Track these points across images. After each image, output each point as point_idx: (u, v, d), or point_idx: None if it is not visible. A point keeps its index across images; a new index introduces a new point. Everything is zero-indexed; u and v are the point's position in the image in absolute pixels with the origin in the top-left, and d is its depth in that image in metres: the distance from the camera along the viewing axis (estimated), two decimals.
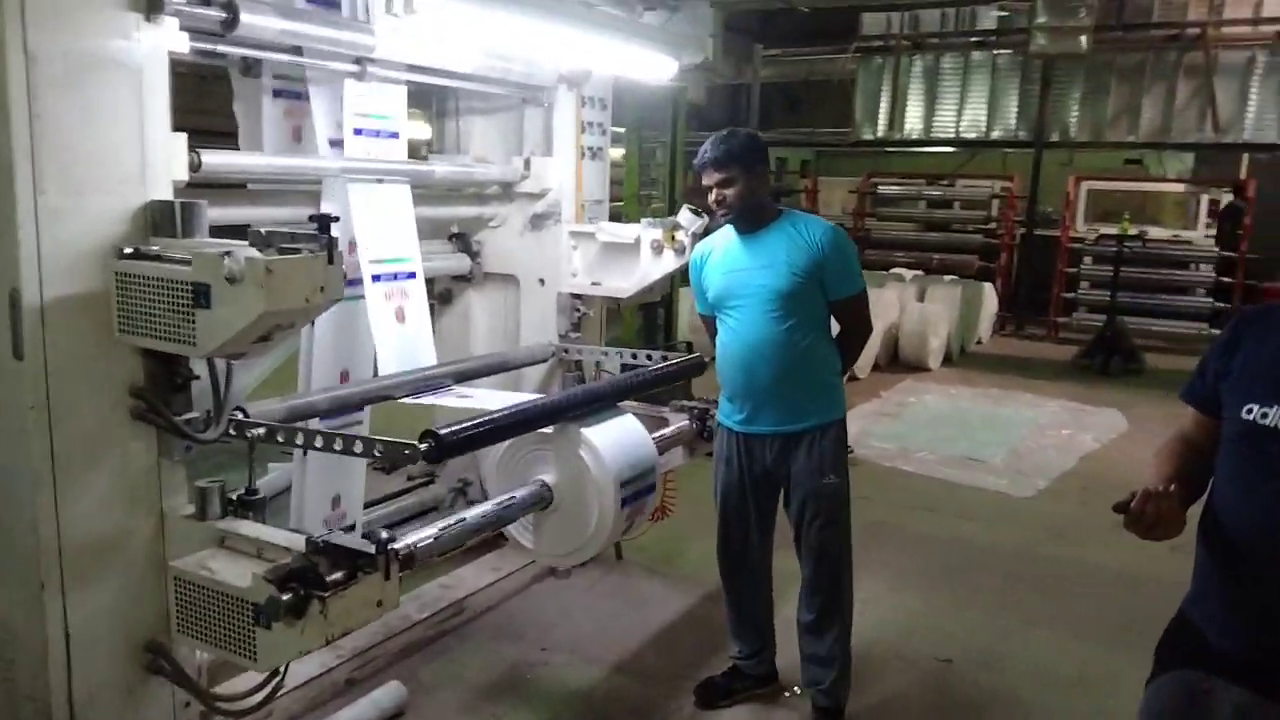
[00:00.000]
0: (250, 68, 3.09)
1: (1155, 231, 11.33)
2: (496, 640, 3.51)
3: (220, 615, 2.18)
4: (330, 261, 2.15)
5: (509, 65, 3.45)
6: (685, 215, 3.60)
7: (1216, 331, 10.45)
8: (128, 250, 2.23)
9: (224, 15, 2.43)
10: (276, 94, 3.15)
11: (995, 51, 11.61)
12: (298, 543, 2.24)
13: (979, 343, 10.66)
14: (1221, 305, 10.55)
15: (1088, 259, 11.26)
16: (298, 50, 2.82)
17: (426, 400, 3.16)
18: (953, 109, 11.83)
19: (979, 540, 4.72)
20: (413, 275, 3.23)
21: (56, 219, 2.16)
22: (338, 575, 2.12)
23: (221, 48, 2.63)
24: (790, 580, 3.18)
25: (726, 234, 3.07)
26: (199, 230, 2.34)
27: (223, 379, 2.41)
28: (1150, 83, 10.87)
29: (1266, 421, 1.68)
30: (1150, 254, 10.57)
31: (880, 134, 12.16)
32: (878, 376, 8.49)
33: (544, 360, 3.82)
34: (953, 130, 11.85)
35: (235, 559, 2.30)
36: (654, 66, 3.54)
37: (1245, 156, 11.75)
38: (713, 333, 3.17)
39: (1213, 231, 12.08)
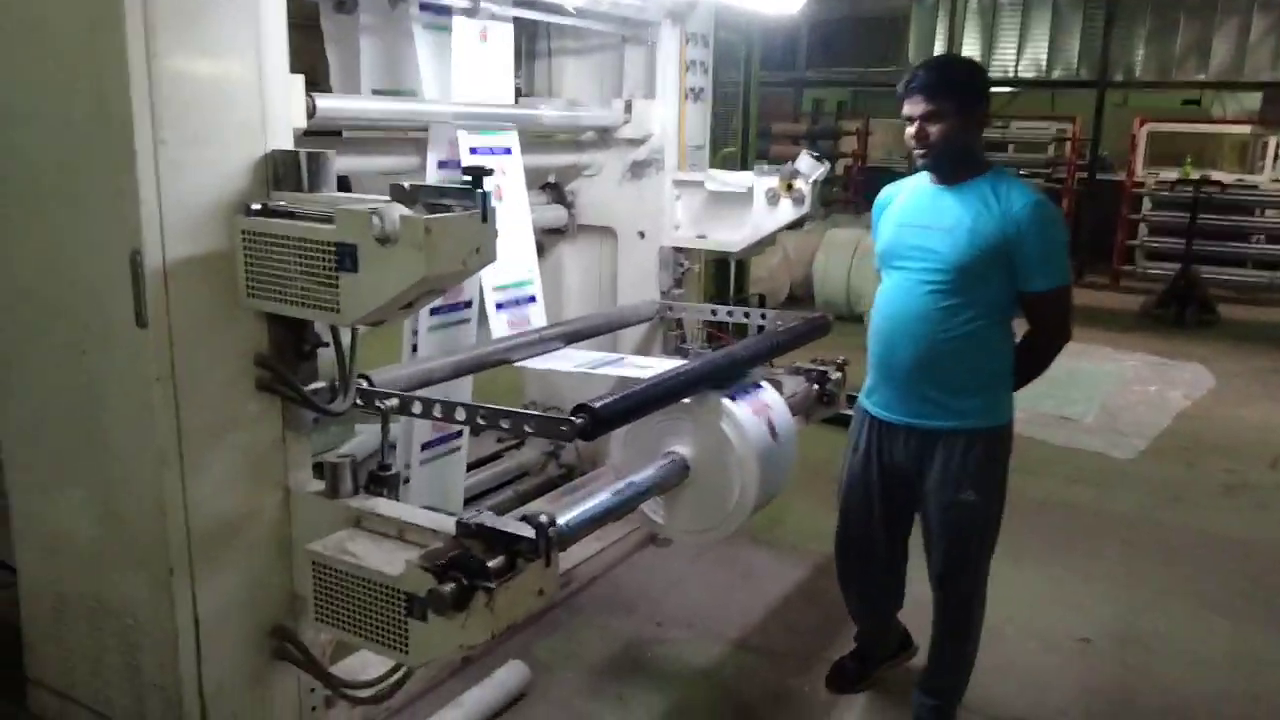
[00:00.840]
0: (344, 3, 2.84)
1: (1218, 175, 10.90)
2: (608, 614, 3.34)
3: (366, 604, 2.00)
4: (484, 220, 1.93)
5: None
6: (805, 161, 3.35)
7: None
8: (255, 206, 2.01)
9: None
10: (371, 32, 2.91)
11: None
12: (446, 525, 2.05)
13: None
14: None
15: (1149, 205, 10.86)
16: None
17: (541, 364, 2.96)
18: (1012, 46, 11.36)
19: (1091, 505, 4.49)
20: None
21: (178, 172, 1.95)
22: (498, 562, 1.92)
23: None
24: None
25: (919, 180, 2.64)
26: (326, 184, 2.12)
27: (348, 346, 2.21)
28: (1223, 18, 10.36)
29: None
30: (1227, 199, 10.10)
31: None
32: None
33: (649, 319, 3.60)
34: (1012, 69, 11.39)
35: (377, 542, 2.12)
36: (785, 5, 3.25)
37: None
38: None
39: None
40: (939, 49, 11.71)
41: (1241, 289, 10.14)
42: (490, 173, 1.95)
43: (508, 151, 3.00)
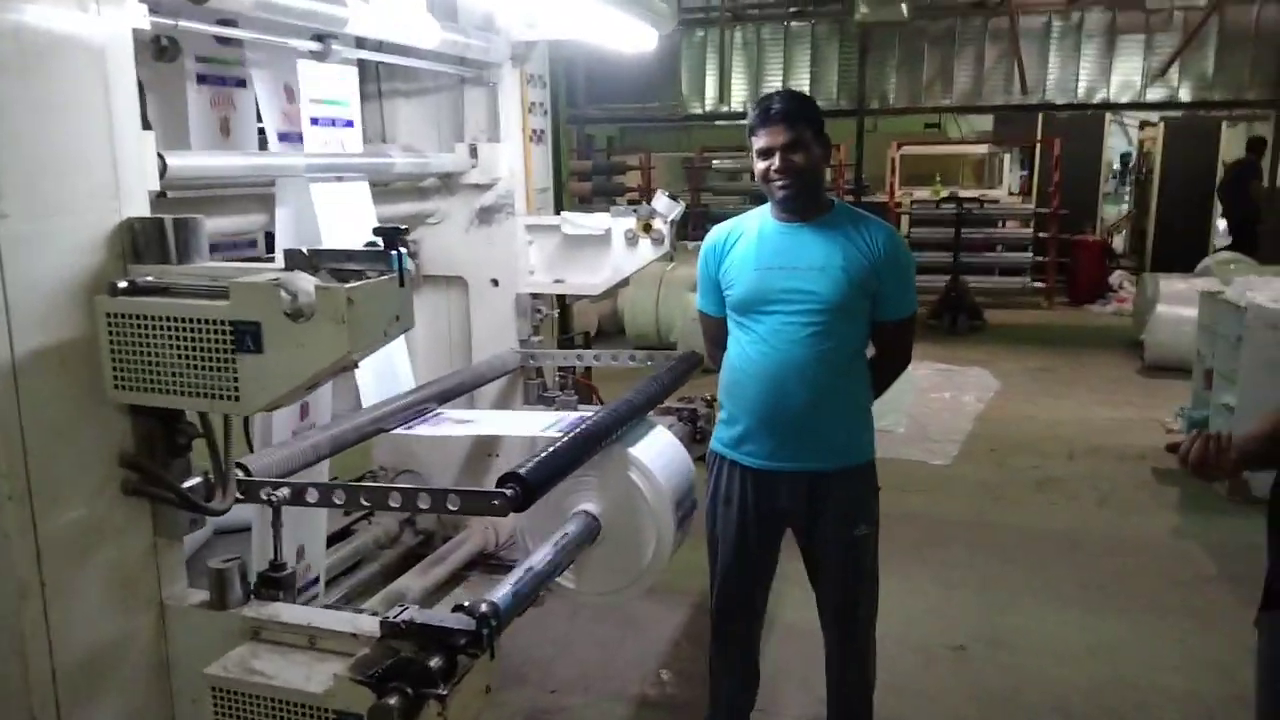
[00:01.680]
0: (165, 50, 2.53)
1: (964, 192, 11.99)
2: (498, 688, 3.13)
3: None
4: (402, 284, 1.74)
5: (468, 40, 3.03)
6: (663, 201, 3.31)
7: (1038, 284, 11.22)
8: (121, 284, 1.73)
9: None
10: (201, 80, 2.61)
11: (813, 21, 11.85)
12: (365, 626, 1.84)
13: None
14: (1041, 259, 11.27)
15: (907, 222, 11.75)
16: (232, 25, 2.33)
17: (425, 430, 2.75)
18: (777, 79, 12.00)
19: (928, 513, 4.75)
20: None
21: (23, 249, 1.64)
22: (439, 662, 1.74)
23: (185, 23, 2.11)
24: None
25: (757, 219, 2.57)
26: (198, 253, 1.86)
27: (222, 433, 1.95)
28: (960, 48, 11.43)
29: None
30: (982, 214, 11.09)
31: (709, 108, 12.20)
32: None
33: (513, 370, 3.44)
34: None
35: (286, 655, 1.85)
36: (638, 36, 3.22)
37: (1040, 116, 12.58)
38: (716, 337, 2.72)
39: (1016, 190, 13.00)
40: (710, 83, 12.22)
41: (997, 295, 11.16)
42: (406, 232, 1.78)
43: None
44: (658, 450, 2.63)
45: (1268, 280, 5.30)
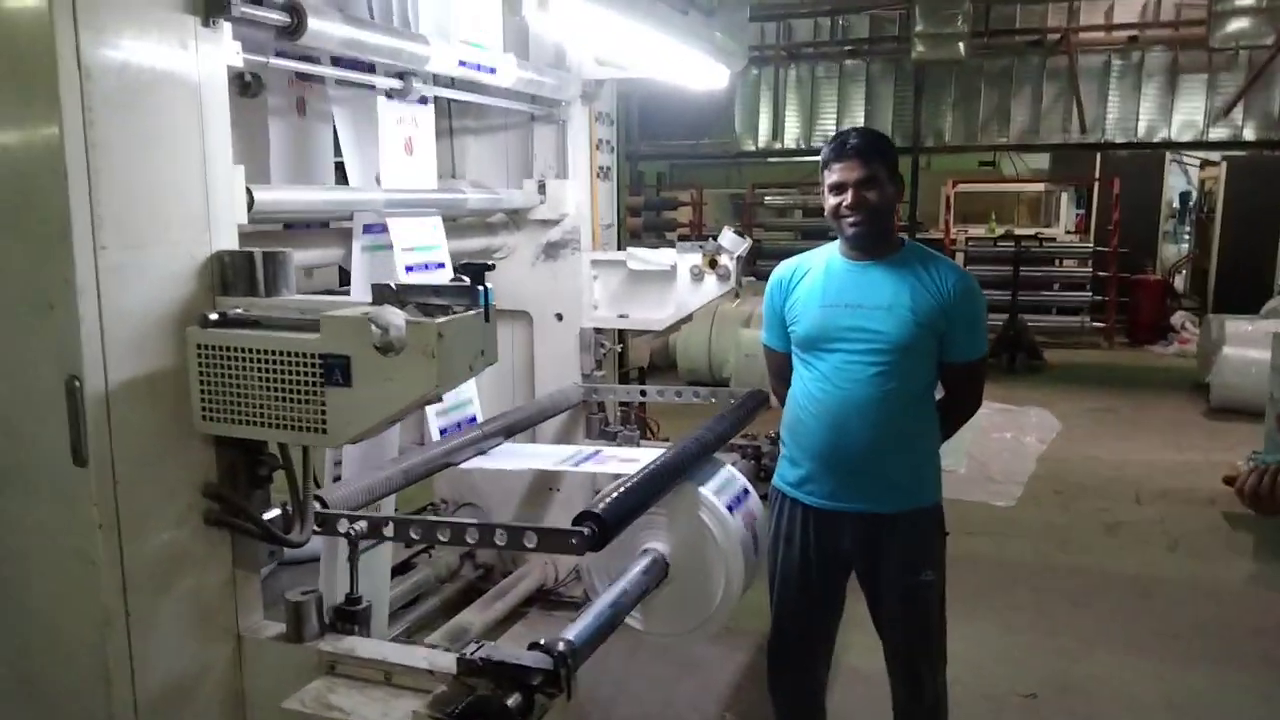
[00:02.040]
0: (248, 86, 2.59)
1: (1019, 230, 11.86)
2: None
3: None
4: (487, 319, 1.75)
5: (543, 79, 3.07)
6: (729, 237, 3.32)
7: (1098, 324, 11.03)
8: (213, 316, 1.75)
9: (287, 20, 1.97)
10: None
11: (868, 60, 11.87)
12: (442, 662, 1.83)
13: None
14: (1100, 298, 11.08)
15: (962, 260, 11.63)
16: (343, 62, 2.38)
17: (490, 464, 2.75)
18: (831, 117, 12.01)
19: (993, 556, 4.63)
20: None
21: (119, 280, 1.68)
22: (517, 701, 1.72)
23: (275, 61, 2.15)
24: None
25: (825, 255, 2.55)
26: (286, 286, 1.89)
27: (300, 465, 1.96)
28: (1018, 87, 11.36)
29: None
30: (1039, 253, 10.97)
31: (762, 145, 12.24)
32: None
33: (576, 405, 3.44)
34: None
35: (363, 690, 1.85)
36: (709, 74, 3.23)
37: (1098, 155, 12.43)
38: (781, 372, 2.68)
39: (1072, 228, 12.83)
40: (765, 122, 12.26)
41: (1054, 334, 10.98)
42: (492, 268, 1.78)
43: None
44: (728, 490, 2.60)
45: None
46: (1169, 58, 10.78)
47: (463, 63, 2.58)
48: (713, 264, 3.32)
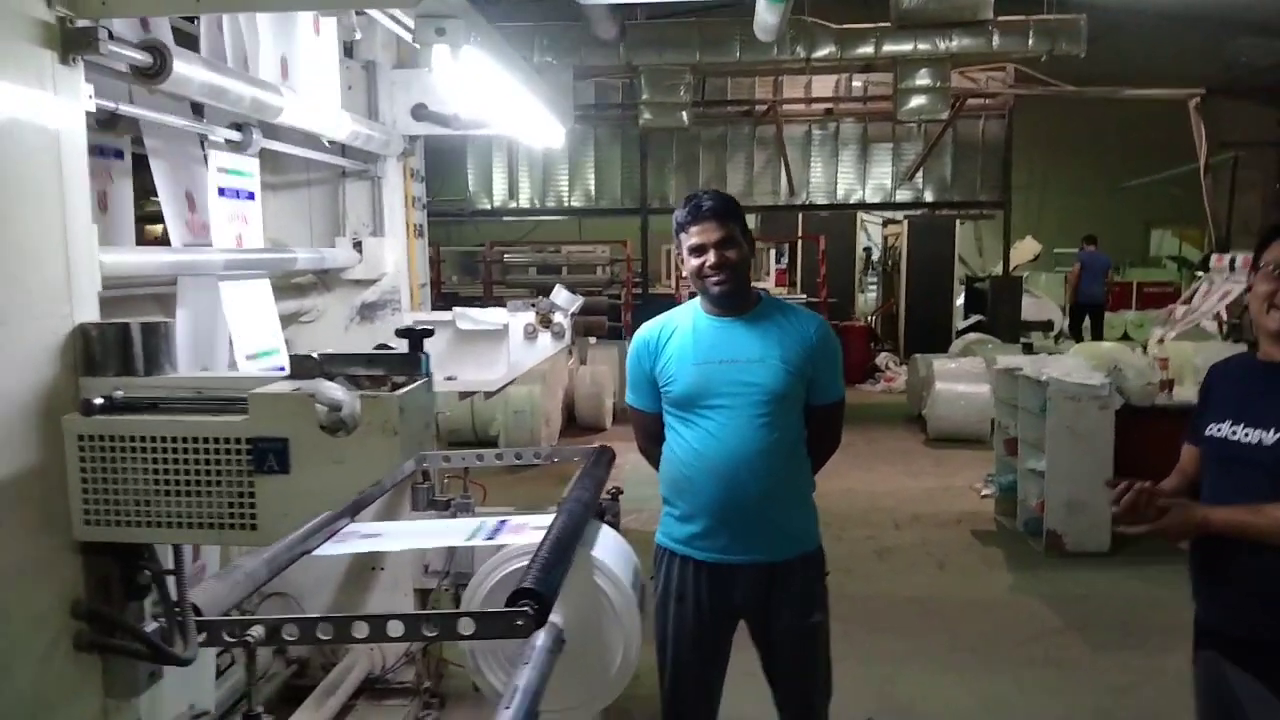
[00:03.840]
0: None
1: None
2: None
3: None
4: (429, 389, 1.60)
5: (370, 132, 2.89)
6: (563, 295, 3.29)
7: None
8: (98, 401, 1.47)
9: (149, 61, 1.72)
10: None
11: (595, 125, 12.29)
12: None
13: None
14: None
15: None
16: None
17: (343, 549, 2.49)
18: (564, 179, 12.31)
19: None
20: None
21: None
22: None
23: (124, 109, 1.86)
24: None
25: (689, 314, 2.57)
26: (169, 363, 1.62)
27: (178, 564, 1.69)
28: (733, 152, 12.23)
29: (1220, 433, 2.08)
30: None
31: (498, 203, 12.30)
32: (565, 442, 8.44)
33: (409, 475, 3.21)
34: (565, 199, 12.39)
35: None
36: (549, 130, 3.18)
37: (800, 215, 13.60)
38: (650, 432, 2.66)
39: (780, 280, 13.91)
40: (499, 182, 12.33)
41: None
42: (431, 334, 1.64)
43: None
44: (614, 551, 2.53)
45: (1057, 359, 5.94)
46: (861, 129, 12.08)
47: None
48: (546, 322, 3.26)
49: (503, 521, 2.69)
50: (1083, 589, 4.88)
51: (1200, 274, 10.90)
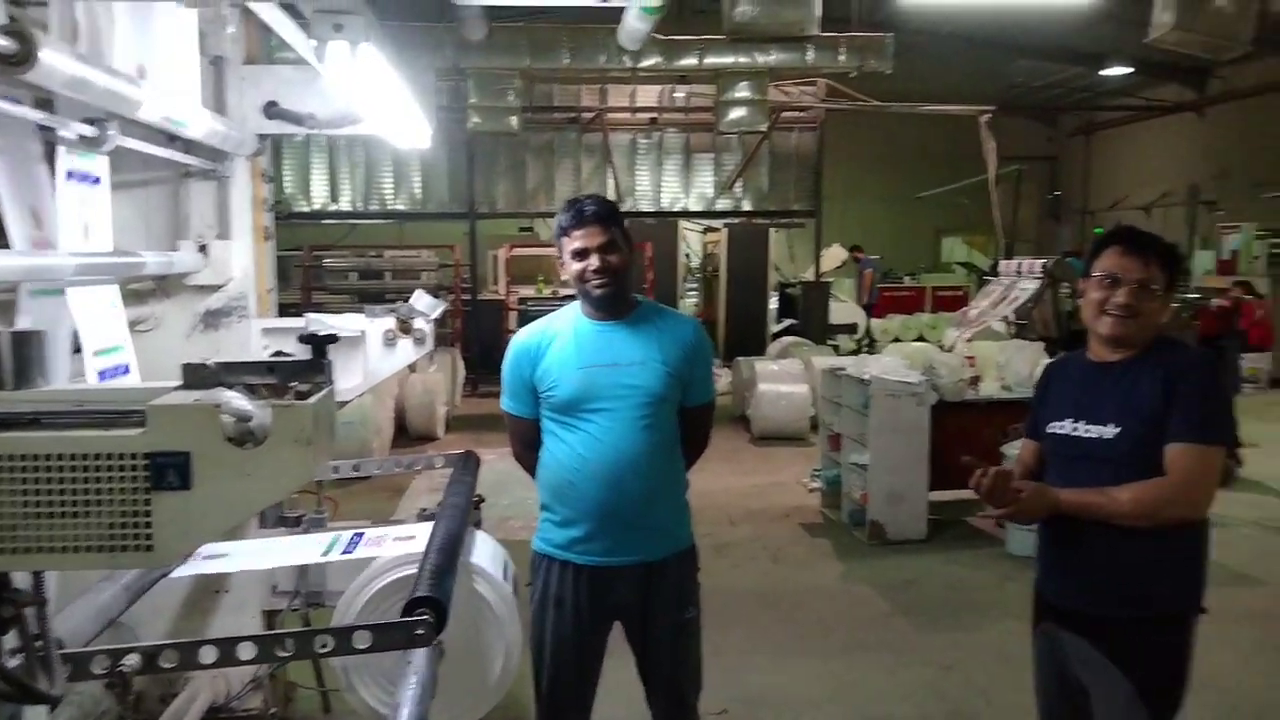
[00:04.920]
0: None
1: (563, 291, 12.79)
2: None
3: None
4: (334, 397, 1.57)
5: (228, 131, 2.76)
6: (424, 299, 3.25)
7: None
8: None
9: (14, 48, 1.61)
10: None
11: None
12: None
13: (455, 406, 10.91)
14: None
15: (515, 318, 12.20)
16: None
17: (194, 570, 2.38)
18: (389, 181, 12.03)
19: None
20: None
21: None
22: None
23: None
24: None
25: (570, 319, 2.59)
26: (42, 375, 1.52)
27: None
28: (560, 159, 12.30)
29: (1062, 430, 2.29)
30: None
31: (318, 206, 11.85)
32: (399, 452, 8.24)
33: None
34: (391, 202, 12.11)
35: None
36: (418, 132, 3.12)
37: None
38: (527, 439, 2.67)
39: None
40: (319, 184, 11.92)
41: None
42: (336, 340, 1.60)
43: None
44: (491, 557, 2.54)
45: (877, 359, 6.33)
46: (684, 139, 12.43)
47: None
48: (407, 328, 3.21)
49: (359, 534, 2.66)
50: (906, 574, 5.24)
51: (988, 278, 11.91)
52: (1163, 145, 19.15)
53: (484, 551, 2.52)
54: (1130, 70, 17.13)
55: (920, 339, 13.14)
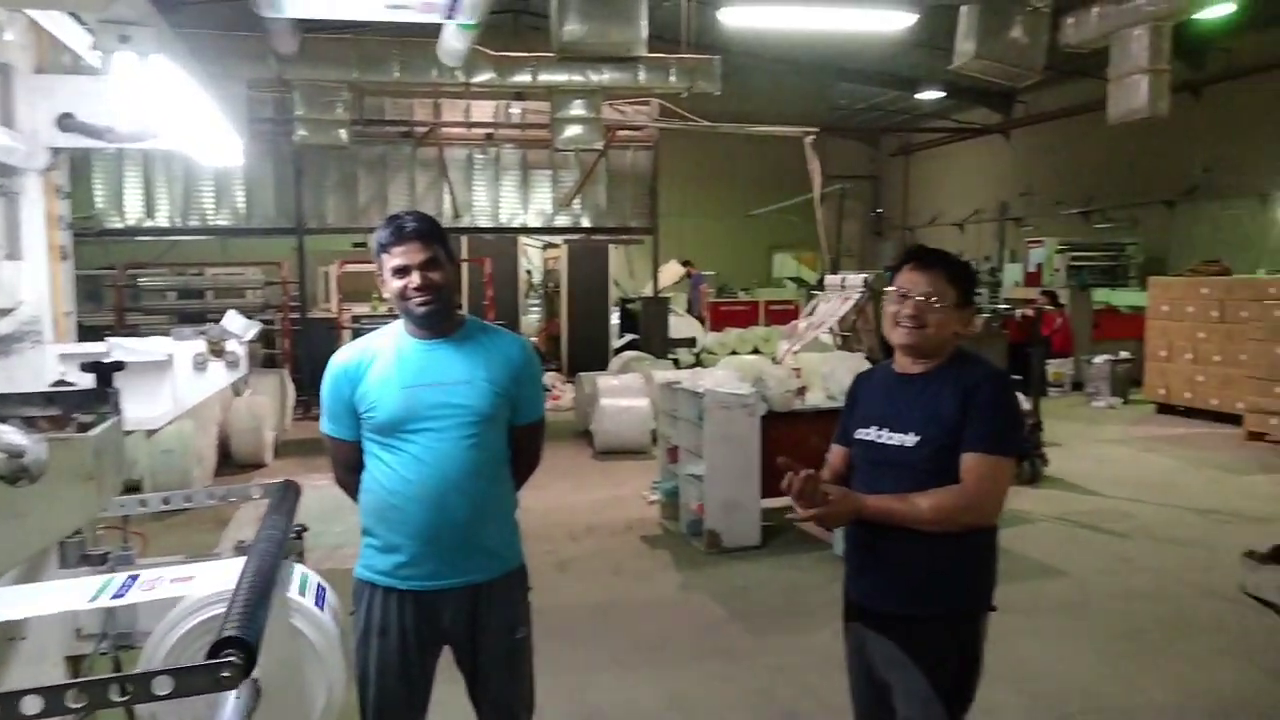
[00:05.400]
0: None
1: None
2: None
3: None
4: (121, 428, 1.48)
5: (15, 145, 2.56)
6: (236, 320, 3.12)
7: None
8: None
9: None
10: None
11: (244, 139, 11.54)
12: None
13: (285, 430, 10.46)
14: None
15: (349, 335, 11.88)
16: None
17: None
18: (210, 196, 11.46)
19: None
20: None
21: None
22: None
23: None
24: None
25: (392, 338, 2.53)
26: None
27: None
28: (394, 173, 12.04)
29: (868, 436, 2.43)
30: None
31: (131, 222, 11.16)
32: (224, 480, 7.84)
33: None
34: (212, 218, 11.53)
35: None
36: (226, 146, 2.97)
37: (464, 238, 13.67)
38: (349, 462, 2.60)
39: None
40: (133, 198, 11.25)
41: None
42: (122, 367, 1.51)
43: None
44: (310, 590, 2.44)
45: (711, 372, 6.48)
46: (521, 155, 12.41)
47: None
48: (218, 350, 3.07)
49: (133, 577, 2.50)
50: (741, 581, 5.38)
51: (816, 293, 12.42)
52: (974, 165, 20.53)
53: (303, 584, 2.41)
54: (943, 94, 18.26)
55: (756, 351, 13.55)
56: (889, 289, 2.38)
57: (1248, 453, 9.17)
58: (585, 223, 12.94)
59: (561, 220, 12.82)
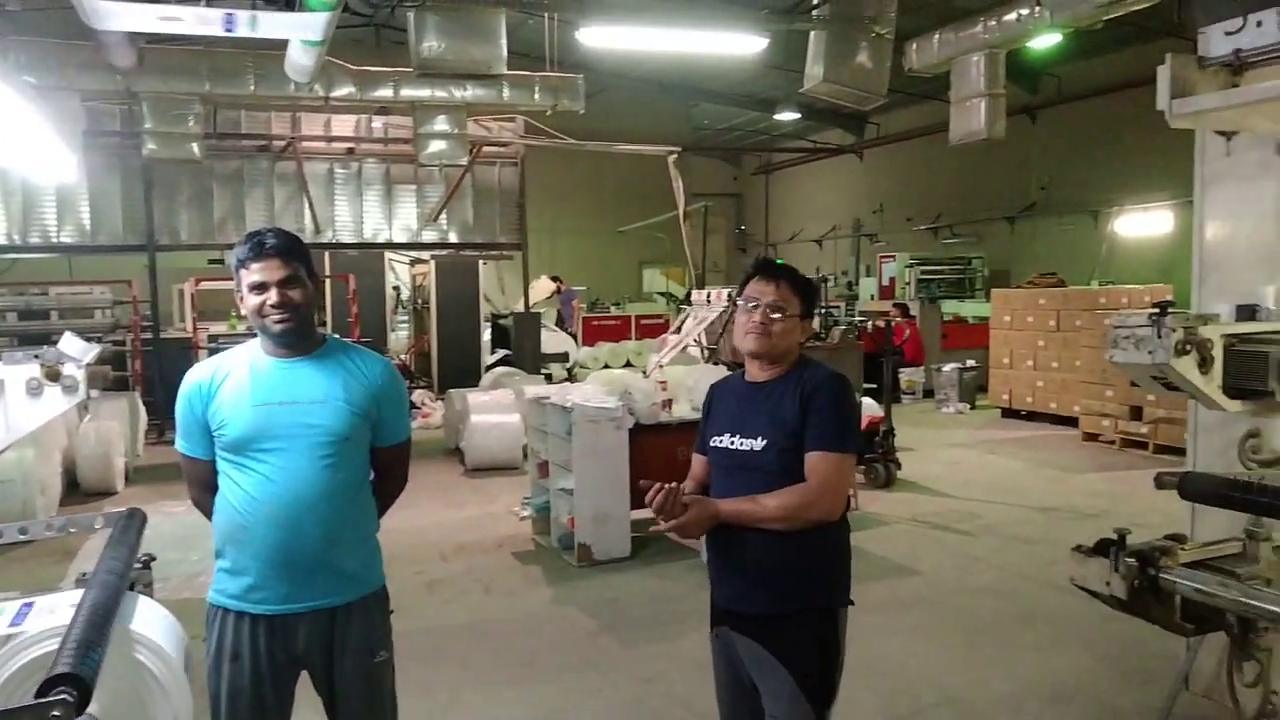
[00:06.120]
0: None
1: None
2: None
3: None
4: None
5: None
6: (73, 343, 2.96)
7: None
8: None
9: None
10: None
11: (89, 154, 10.94)
12: None
13: (137, 456, 9.94)
14: None
15: (205, 353, 11.40)
16: None
17: None
18: (51, 211, 10.86)
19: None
20: None
21: None
22: None
23: None
24: None
25: (246, 355, 2.50)
26: None
27: None
28: (250, 188, 11.67)
29: (722, 444, 2.53)
30: None
31: None
32: (71, 510, 7.40)
33: None
34: (54, 235, 10.90)
35: None
36: (58, 162, 2.83)
37: (326, 254, 13.34)
38: (203, 481, 2.55)
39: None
40: None
41: None
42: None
43: None
44: (155, 622, 2.35)
45: (579, 386, 6.52)
46: (384, 169, 12.21)
47: None
48: (54, 375, 2.91)
49: (28, 605, 2.39)
50: (612, 592, 5.43)
51: (684, 307, 12.64)
52: (830, 184, 21.33)
53: (148, 618, 2.33)
54: (799, 116, 18.93)
55: (628, 365, 13.68)
56: (739, 299, 2.48)
57: (1084, 453, 9.82)
58: (453, 238, 12.85)
59: (428, 235, 12.68)
